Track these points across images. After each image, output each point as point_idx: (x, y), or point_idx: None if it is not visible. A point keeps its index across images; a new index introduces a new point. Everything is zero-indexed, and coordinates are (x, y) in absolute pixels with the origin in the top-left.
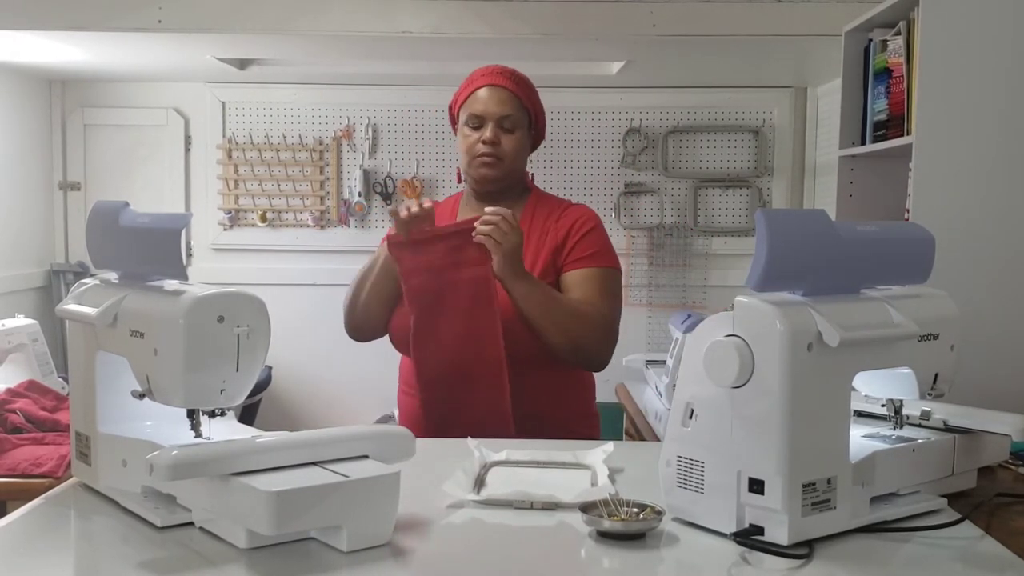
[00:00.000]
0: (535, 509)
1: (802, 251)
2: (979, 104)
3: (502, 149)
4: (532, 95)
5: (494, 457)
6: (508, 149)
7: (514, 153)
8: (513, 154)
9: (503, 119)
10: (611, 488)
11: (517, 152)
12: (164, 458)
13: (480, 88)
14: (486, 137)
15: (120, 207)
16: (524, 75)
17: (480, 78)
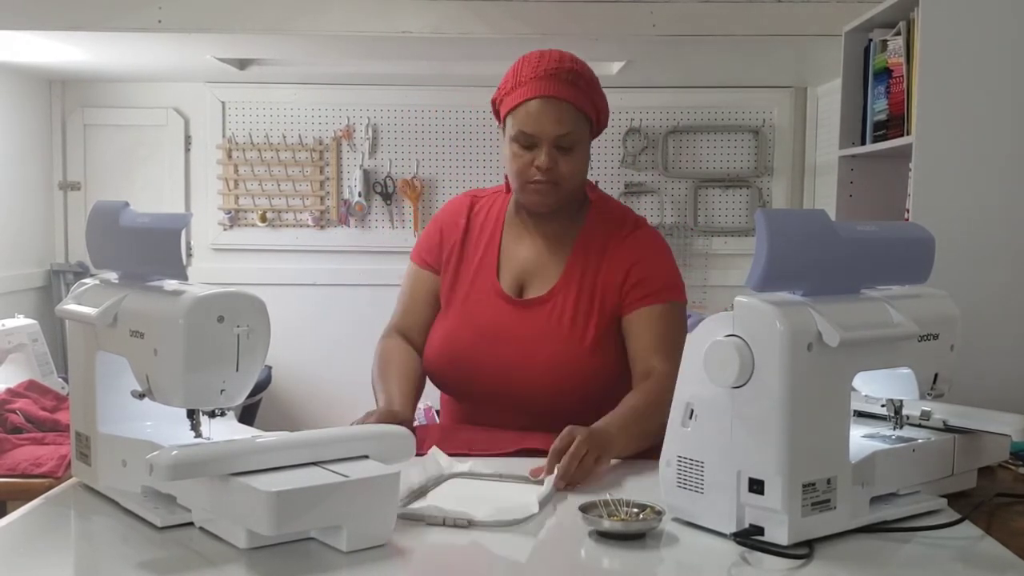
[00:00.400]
0: (446, 526)
1: (802, 251)
2: (979, 104)
3: (559, 173)
4: (594, 93)
5: (456, 468)
6: (567, 172)
7: (574, 174)
8: (573, 176)
9: (561, 138)
10: (534, 509)
11: (577, 172)
12: (164, 458)
13: (532, 100)
14: (541, 162)
15: (120, 207)
16: (583, 66)
17: (532, 84)
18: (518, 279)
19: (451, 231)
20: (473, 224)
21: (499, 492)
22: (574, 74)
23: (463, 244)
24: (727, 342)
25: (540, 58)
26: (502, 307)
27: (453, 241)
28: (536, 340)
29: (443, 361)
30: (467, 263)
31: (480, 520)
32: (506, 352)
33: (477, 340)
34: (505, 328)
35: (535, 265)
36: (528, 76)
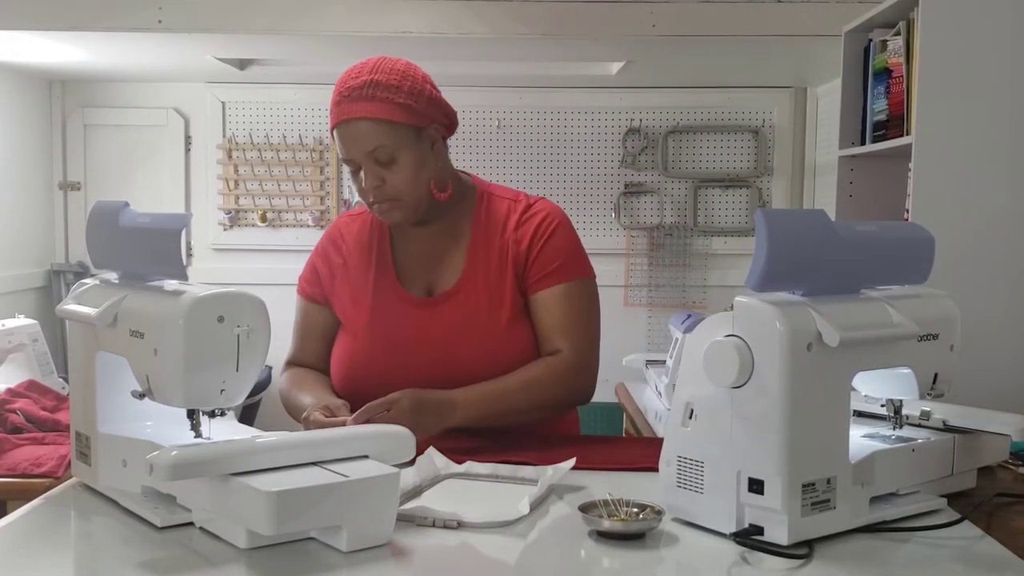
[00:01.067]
0: (436, 527)
1: (802, 251)
2: (979, 104)
3: (391, 189)
4: (400, 94)
5: (452, 469)
6: (398, 183)
7: (406, 184)
8: (406, 185)
9: (373, 154)
10: (525, 510)
11: (409, 181)
12: (164, 458)
13: (336, 127)
14: (366, 184)
15: (120, 207)
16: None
17: (334, 109)
18: (421, 279)
19: (333, 255)
20: (354, 241)
21: (493, 493)
22: (370, 85)
23: (349, 264)
24: (727, 342)
25: (343, 77)
26: (410, 312)
27: (337, 263)
28: (453, 337)
29: (357, 380)
30: (360, 280)
31: (470, 521)
32: (423, 357)
33: (390, 351)
34: (417, 332)
35: (435, 261)
36: (333, 101)
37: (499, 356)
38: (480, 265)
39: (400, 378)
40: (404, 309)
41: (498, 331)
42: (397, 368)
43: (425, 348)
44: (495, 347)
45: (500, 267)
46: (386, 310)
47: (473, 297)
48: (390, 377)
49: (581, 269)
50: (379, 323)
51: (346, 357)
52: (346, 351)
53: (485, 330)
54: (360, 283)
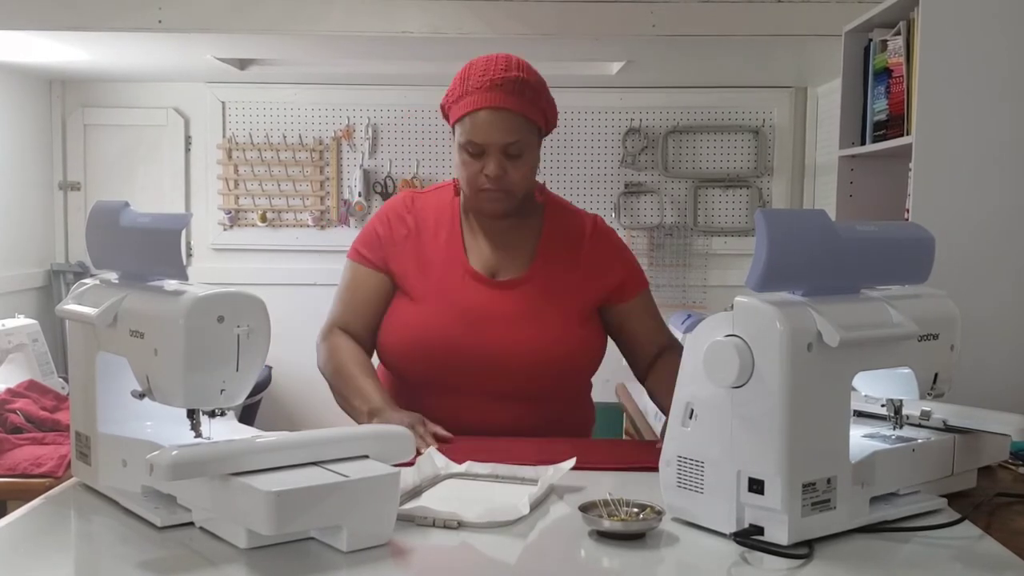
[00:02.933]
0: (436, 527)
1: (802, 251)
2: (979, 104)
3: (510, 180)
4: (540, 98)
5: (452, 469)
6: (517, 179)
7: (524, 179)
8: (524, 181)
9: (508, 146)
10: (524, 510)
11: (528, 176)
12: (164, 458)
13: (480, 111)
14: (490, 171)
15: (120, 207)
16: (530, 71)
17: (479, 95)
18: (488, 267)
19: (398, 225)
20: (421, 217)
21: (493, 493)
22: (520, 82)
23: (417, 235)
24: (727, 342)
25: (487, 66)
26: (480, 289)
27: (402, 234)
28: (520, 319)
29: (422, 349)
30: (430, 252)
31: (470, 521)
32: (492, 334)
33: (460, 324)
34: (487, 310)
35: (502, 256)
36: (475, 86)
37: (565, 349)
38: (549, 263)
39: (466, 349)
40: (474, 285)
41: (565, 326)
42: (464, 338)
43: (496, 324)
44: (561, 340)
45: (570, 273)
46: (453, 282)
47: (540, 289)
48: (456, 347)
49: (643, 274)
50: (446, 292)
51: (410, 321)
52: (410, 316)
53: (552, 319)
54: (428, 255)
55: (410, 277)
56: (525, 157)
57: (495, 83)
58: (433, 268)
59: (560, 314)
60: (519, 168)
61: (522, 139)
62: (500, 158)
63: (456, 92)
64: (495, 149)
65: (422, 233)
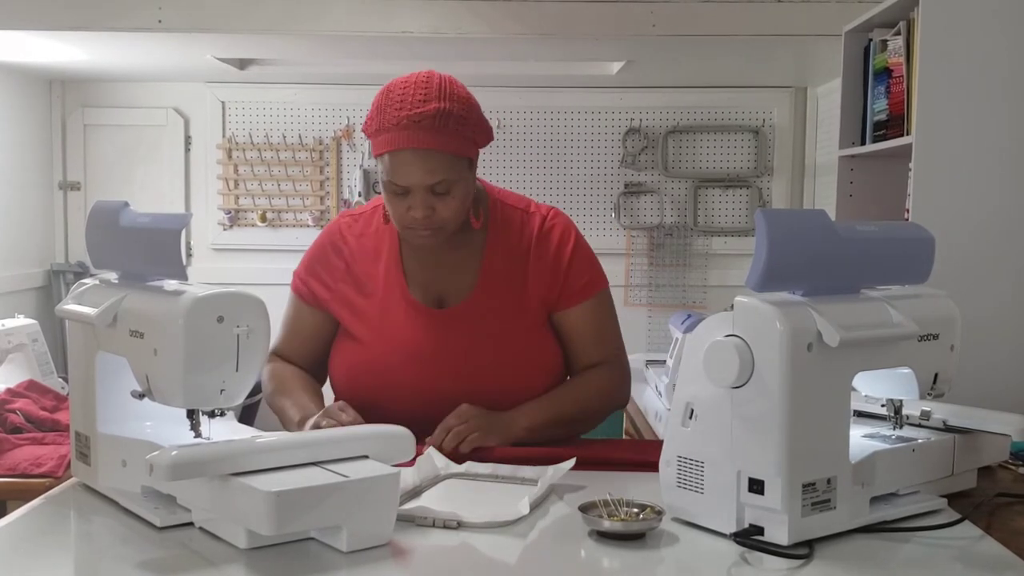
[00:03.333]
0: (436, 527)
1: (802, 251)
2: (979, 104)
3: (439, 218)
4: (467, 127)
5: (452, 469)
6: (448, 214)
7: (455, 215)
8: (454, 216)
9: (434, 186)
10: (524, 510)
11: (458, 211)
12: (164, 458)
13: (400, 152)
14: (416, 213)
15: (120, 207)
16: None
17: (397, 133)
18: (431, 288)
19: (334, 257)
20: (357, 249)
21: (492, 493)
22: (441, 115)
23: (354, 270)
24: (727, 342)
25: (403, 97)
26: (424, 322)
27: (338, 268)
28: (468, 350)
29: (369, 389)
30: (370, 283)
31: (469, 521)
32: (438, 370)
33: (405, 364)
34: (432, 345)
35: (446, 277)
36: (391, 122)
37: (519, 368)
38: (496, 277)
39: (415, 388)
40: (418, 319)
41: (517, 343)
42: (413, 378)
43: (442, 359)
44: (514, 359)
45: (519, 280)
46: (399, 319)
47: (489, 309)
48: (404, 386)
49: (602, 279)
50: (392, 332)
51: (357, 365)
52: (357, 359)
53: (503, 342)
54: (367, 290)
55: (349, 315)
56: (454, 192)
57: (413, 120)
58: (373, 300)
59: (507, 335)
60: (448, 205)
61: (448, 176)
62: (426, 197)
63: (374, 124)
64: (420, 190)
65: (361, 266)
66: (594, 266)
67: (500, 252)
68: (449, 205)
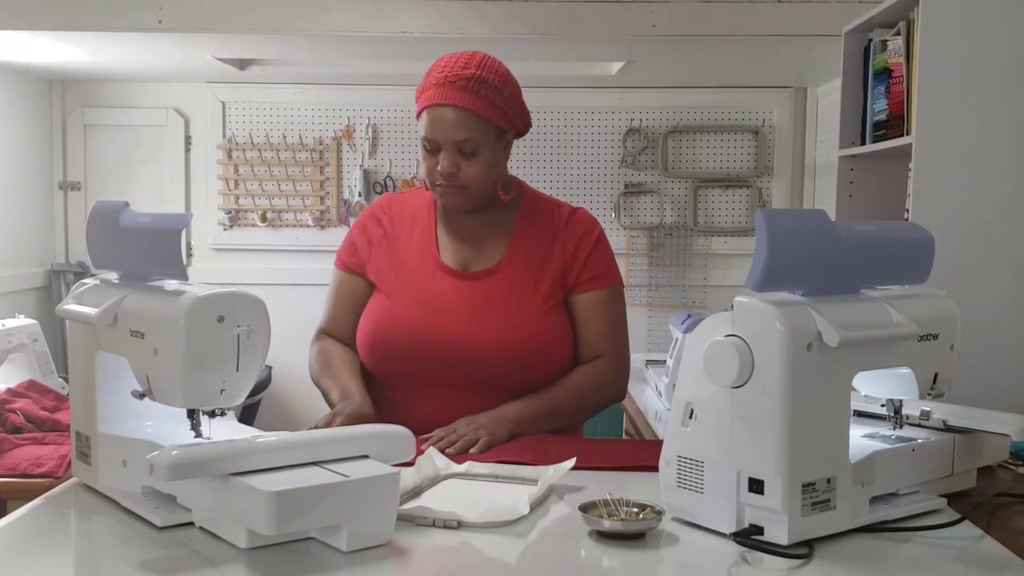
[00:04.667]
0: (436, 527)
1: (802, 251)
2: (979, 104)
3: (464, 176)
4: (499, 97)
5: (452, 469)
6: (472, 175)
7: (480, 177)
8: (479, 178)
9: (461, 143)
10: (524, 510)
11: (483, 174)
12: (164, 458)
13: (434, 107)
14: (442, 167)
15: (120, 207)
16: (492, 70)
17: (434, 91)
18: (460, 260)
19: (373, 227)
20: (396, 217)
21: (492, 493)
22: (476, 81)
23: (391, 235)
24: (727, 342)
25: (448, 62)
26: (449, 282)
27: (378, 235)
28: (486, 309)
29: (387, 341)
30: (402, 249)
31: (470, 521)
32: (457, 325)
33: (426, 315)
34: (454, 301)
35: (474, 247)
36: (432, 82)
37: (531, 337)
38: (520, 255)
39: (430, 341)
40: (441, 277)
41: (532, 314)
42: (429, 330)
43: (459, 316)
44: (527, 327)
45: (541, 261)
46: (423, 275)
47: (509, 279)
48: (420, 338)
49: (618, 276)
50: (415, 285)
51: (378, 314)
52: (379, 309)
53: (518, 310)
54: (400, 252)
55: (384, 275)
56: (480, 155)
57: (448, 80)
58: (406, 264)
59: (527, 304)
60: (474, 166)
61: (475, 137)
62: (453, 155)
63: (421, 86)
64: (448, 146)
65: (397, 232)
66: (611, 262)
67: (528, 232)
68: (475, 166)
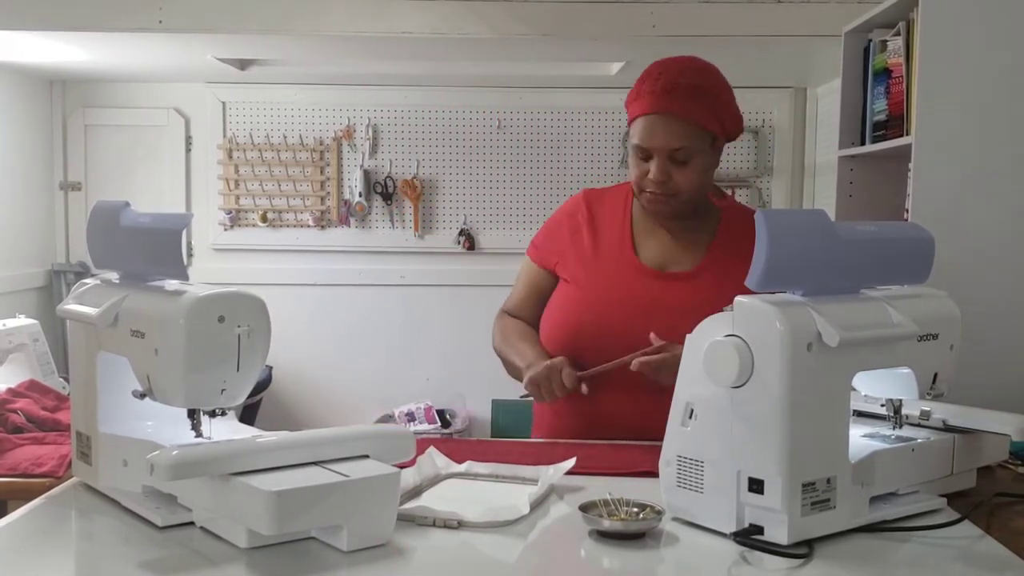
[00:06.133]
0: (436, 527)
1: (802, 251)
2: (979, 104)
3: (674, 185)
4: (716, 104)
5: (452, 469)
6: (683, 183)
7: (691, 185)
8: (690, 186)
9: (674, 152)
10: (524, 510)
11: (694, 182)
12: (165, 458)
13: (648, 115)
14: (654, 175)
15: (120, 207)
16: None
17: (650, 98)
18: (656, 260)
19: (570, 220)
20: (595, 212)
21: (493, 493)
22: (693, 88)
23: (589, 228)
24: (727, 342)
25: (664, 68)
26: (647, 281)
27: (573, 228)
28: (683, 312)
29: (575, 329)
30: (599, 244)
31: (470, 521)
32: (654, 323)
33: (620, 310)
34: (652, 300)
35: (673, 252)
36: (648, 89)
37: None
38: (721, 262)
39: (623, 335)
40: (639, 277)
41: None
42: (626, 324)
43: (658, 314)
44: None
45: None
46: (622, 274)
47: (708, 284)
48: (615, 332)
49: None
50: (610, 280)
51: (571, 306)
52: (573, 301)
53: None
54: (598, 246)
55: (574, 267)
56: (692, 163)
57: (666, 88)
58: (600, 259)
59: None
60: (685, 174)
61: (689, 145)
62: (665, 163)
63: (634, 92)
64: (660, 154)
65: (594, 227)
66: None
67: (731, 237)
68: (686, 175)
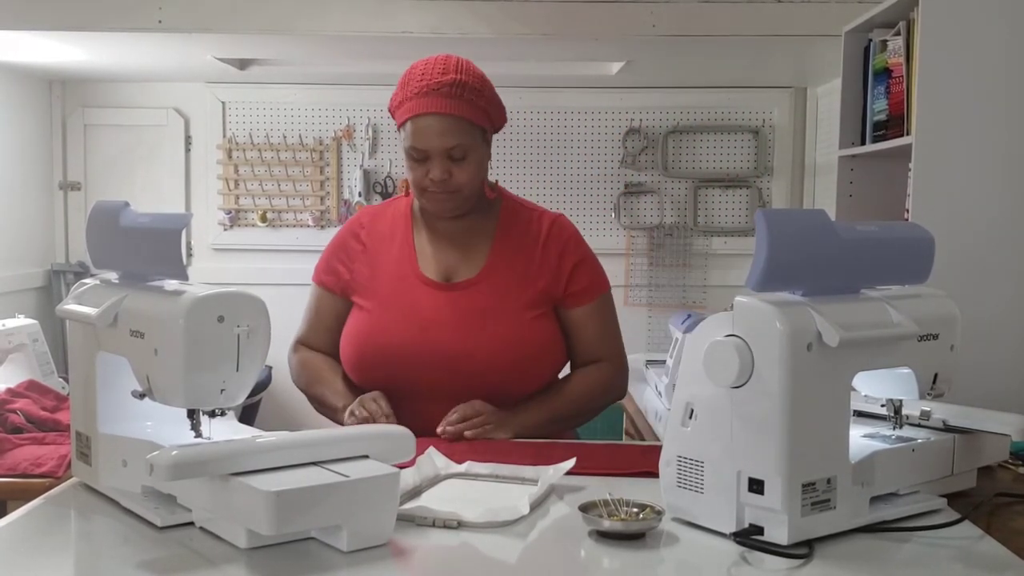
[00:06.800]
0: (436, 527)
1: (802, 251)
2: (979, 104)
3: (455, 182)
4: (481, 99)
5: (452, 469)
6: (463, 179)
7: (471, 180)
8: (470, 181)
9: (451, 150)
10: (524, 510)
11: (474, 177)
12: (164, 458)
13: (419, 117)
14: (434, 175)
15: (120, 207)
16: (470, 72)
17: (417, 100)
18: (441, 271)
19: (352, 243)
20: (376, 230)
21: (492, 493)
22: (458, 85)
23: (370, 250)
24: (727, 342)
25: (425, 69)
26: (431, 294)
27: (357, 250)
28: (472, 320)
29: (372, 356)
30: (383, 263)
31: (470, 521)
32: (441, 337)
33: (411, 328)
34: (438, 313)
35: (456, 256)
36: (414, 91)
37: (520, 345)
38: (503, 262)
39: (416, 354)
40: (425, 291)
41: (519, 322)
42: (414, 344)
43: (444, 329)
44: (516, 336)
45: (526, 269)
46: (406, 291)
47: (494, 288)
48: (406, 352)
49: (605, 283)
50: (399, 302)
51: (362, 331)
52: (363, 325)
53: (506, 319)
54: (383, 265)
55: (364, 291)
56: (469, 158)
57: (432, 88)
58: (386, 278)
59: (512, 312)
60: (464, 169)
61: (463, 142)
62: (443, 162)
63: (398, 97)
64: (438, 153)
65: (376, 246)
66: (597, 271)
67: (509, 240)
68: (465, 170)
